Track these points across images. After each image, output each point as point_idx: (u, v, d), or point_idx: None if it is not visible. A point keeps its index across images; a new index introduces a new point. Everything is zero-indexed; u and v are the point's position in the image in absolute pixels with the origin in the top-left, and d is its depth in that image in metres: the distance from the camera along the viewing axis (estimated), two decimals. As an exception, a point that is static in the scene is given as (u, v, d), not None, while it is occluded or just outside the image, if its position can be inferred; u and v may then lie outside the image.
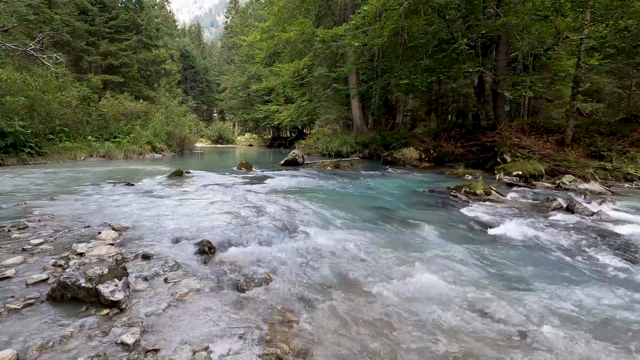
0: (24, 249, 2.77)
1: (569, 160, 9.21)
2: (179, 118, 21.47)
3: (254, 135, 44.47)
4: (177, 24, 63.94)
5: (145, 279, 2.36)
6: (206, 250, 2.93)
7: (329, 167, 11.22)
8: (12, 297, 2.02)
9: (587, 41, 9.25)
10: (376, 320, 2.05)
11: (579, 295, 2.45)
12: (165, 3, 49.48)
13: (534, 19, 9.21)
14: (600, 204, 5.36)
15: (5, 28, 13.03)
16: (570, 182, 7.25)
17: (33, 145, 10.81)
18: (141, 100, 19.94)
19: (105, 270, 2.06)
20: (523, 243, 3.64)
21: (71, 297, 1.99)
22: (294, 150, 12.90)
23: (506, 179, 8.09)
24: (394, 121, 19.40)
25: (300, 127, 33.77)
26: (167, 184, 6.74)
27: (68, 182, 6.92)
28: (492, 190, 6.24)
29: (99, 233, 3.23)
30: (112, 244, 2.86)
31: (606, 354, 1.80)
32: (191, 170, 8.56)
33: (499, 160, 9.88)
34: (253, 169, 10.10)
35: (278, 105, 30.05)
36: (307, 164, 12.10)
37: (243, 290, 2.32)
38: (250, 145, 41.19)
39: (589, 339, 1.91)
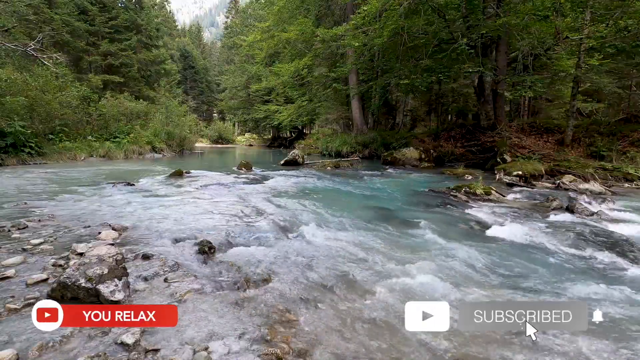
0: (24, 249, 2.77)
1: (569, 160, 9.20)
2: (179, 118, 21.43)
3: (254, 135, 44.41)
4: (177, 24, 63.89)
5: (145, 279, 2.37)
6: (206, 250, 2.93)
7: (329, 167, 11.22)
8: (12, 297, 2.02)
9: (587, 41, 9.24)
10: (376, 320, 2.05)
11: (578, 295, 2.45)
12: (165, 3, 49.52)
13: (534, 19, 9.20)
14: (600, 204, 5.35)
15: (5, 28, 13.01)
16: (570, 182, 7.25)
17: (33, 145, 10.81)
18: (141, 100, 19.93)
19: (105, 270, 2.06)
20: (523, 243, 3.64)
21: (71, 297, 1.99)
22: (294, 150, 12.90)
23: (506, 179, 8.09)
24: (394, 121, 19.39)
25: (300, 127, 33.72)
26: (167, 184, 6.74)
27: (68, 182, 6.92)
28: (492, 190, 6.24)
29: (99, 233, 3.23)
30: (112, 244, 2.85)
31: (606, 353, 1.80)
32: (191, 170, 8.57)
33: (499, 160, 9.87)
34: (253, 169, 10.10)
35: (278, 105, 30.00)
36: (307, 164, 12.10)
37: (243, 290, 2.32)
38: (250, 145, 41.14)
39: (589, 339, 1.90)
